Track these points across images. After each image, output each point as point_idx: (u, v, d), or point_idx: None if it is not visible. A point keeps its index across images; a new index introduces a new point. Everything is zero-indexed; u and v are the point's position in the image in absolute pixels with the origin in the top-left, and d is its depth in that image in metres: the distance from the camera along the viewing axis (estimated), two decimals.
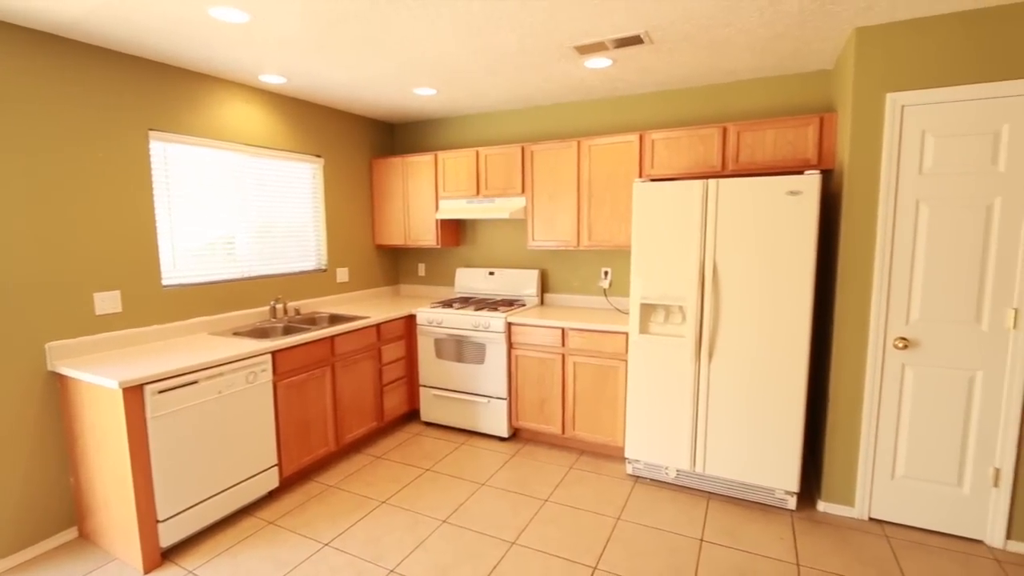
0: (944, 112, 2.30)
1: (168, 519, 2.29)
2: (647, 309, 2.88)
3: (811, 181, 2.43)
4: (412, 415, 4.01)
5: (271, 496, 2.82)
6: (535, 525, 2.54)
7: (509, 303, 3.79)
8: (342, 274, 4.04)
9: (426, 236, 4.06)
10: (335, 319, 3.52)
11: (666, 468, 2.90)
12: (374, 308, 3.81)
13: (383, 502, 2.76)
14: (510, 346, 3.44)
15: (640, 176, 3.24)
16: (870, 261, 2.46)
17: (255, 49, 2.64)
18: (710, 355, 2.71)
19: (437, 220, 3.97)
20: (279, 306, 3.47)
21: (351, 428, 3.30)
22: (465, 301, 3.88)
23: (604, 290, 3.74)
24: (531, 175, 3.59)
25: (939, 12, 2.25)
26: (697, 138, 3.08)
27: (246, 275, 3.32)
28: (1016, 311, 2.24)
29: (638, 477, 3.00)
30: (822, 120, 2.78)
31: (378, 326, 3.48)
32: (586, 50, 2.70)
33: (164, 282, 2.85)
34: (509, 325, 3.42)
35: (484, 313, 3.47)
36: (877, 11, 2.24)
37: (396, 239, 4.22)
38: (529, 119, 3.92)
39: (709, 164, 3.05)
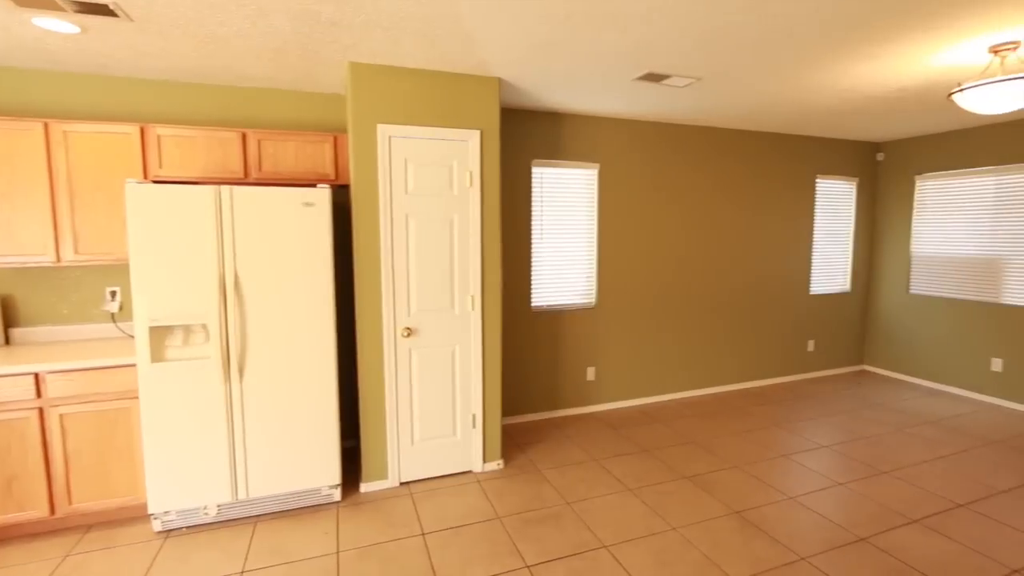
0: (418, 145, 2.90)
1: None
2: (160, 332, 2.45)
3: (322, 194, 2.62)
4: None
5: None
6: None
7: None
8: None
9: None
10: None
11: (204, 508, 2.57)
12: None
13: None
14: None
15: (145, 177, 2.73)
16: (378, 265, 2.87)
17: None
18: (241, 373, 2.55)
19: None
20: None
21: None
22: None
23: (113, 315, 3.00)
24: None
25: (402, 65, 2.81)
26: (216, 141, 2.84)
27: None
28: (473, 297, 3.07)
29: (170, 531, 2.53)
30: (336, 139, 3.05)
31: None
32: (28, 3, 2.04)
33: None
34: None
35: None
36: (361, 50, 2.60)
37: None
38: None
39: (230, 170, 2.87)
